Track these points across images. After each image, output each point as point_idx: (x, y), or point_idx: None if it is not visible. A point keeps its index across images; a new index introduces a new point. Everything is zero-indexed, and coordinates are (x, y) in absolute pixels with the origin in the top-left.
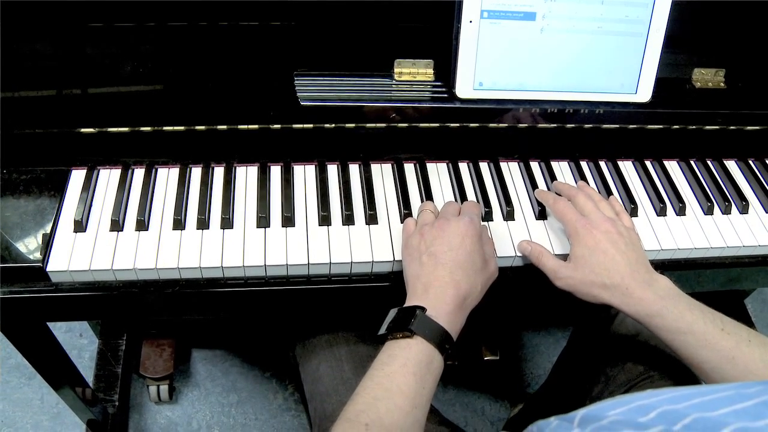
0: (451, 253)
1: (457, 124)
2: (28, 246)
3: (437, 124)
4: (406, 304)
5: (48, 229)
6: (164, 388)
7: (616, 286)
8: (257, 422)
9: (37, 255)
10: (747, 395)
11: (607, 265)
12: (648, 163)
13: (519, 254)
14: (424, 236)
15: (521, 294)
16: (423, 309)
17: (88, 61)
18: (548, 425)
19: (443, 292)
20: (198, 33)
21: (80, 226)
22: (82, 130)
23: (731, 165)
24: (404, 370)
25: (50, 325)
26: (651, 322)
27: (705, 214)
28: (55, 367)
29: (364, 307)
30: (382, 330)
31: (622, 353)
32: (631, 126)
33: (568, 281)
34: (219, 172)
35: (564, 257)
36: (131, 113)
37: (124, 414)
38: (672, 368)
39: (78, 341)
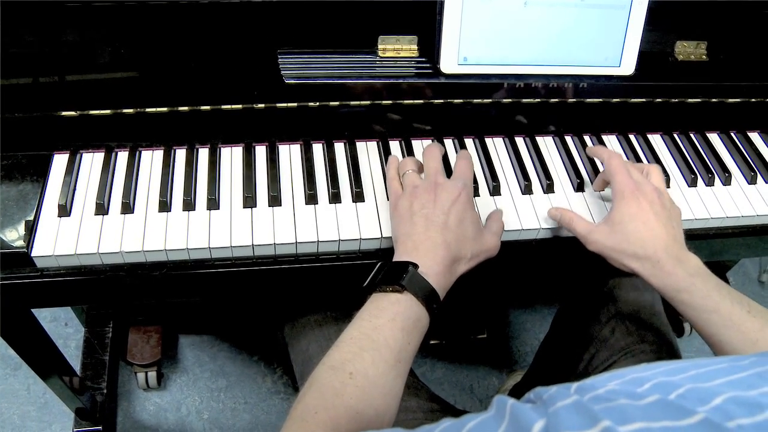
0: (443, 216)
1: (442, 100)
2: (12, 232)
3: (422, 101)
4: (394, 260)
5: (32, 214)
6: (152, 374)
7: (648, 258)
8: (246, 406)
9: (21, 241)
10: (741, 367)
11: (643, 236)
12: (632, 137)
13: (506, 229)
14: (416, 198)
15: (508, 268)
16: (415, 265)
17: (67, 42)
18: (546, 391)
19: (434, 252)
20: (179, 11)
21: (64, 210)
22: (64, 113)
23: (714, 137)
24: (392, 325)
25: (35, 314)
26: (677, 297)
27: (689, 186)
28: (42, 356)
29: (352, 285)
30: (368, 282)
31: (604, 330)
32: (614, 100)
33: (599, 246)
34: (204, 153)
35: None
36: (113, 95)
37: (113, 401)
38: (653, 342)
39: (63, 330)
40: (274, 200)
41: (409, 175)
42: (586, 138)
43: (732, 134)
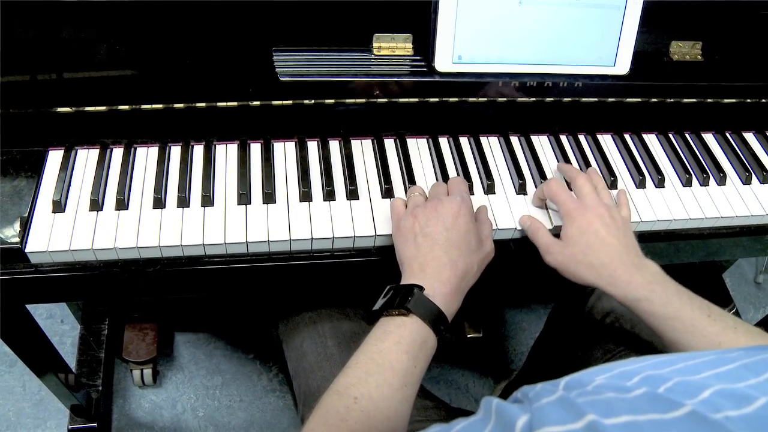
0: (446, 233)
1: (437, 99)
2: (6, 227)
3: (417, 99)
4: (402, 283)
5: (26, 210)
6: (148, 372)
7: (604, 267)
8: (242, 404)
9: (16, 237)
10: (728, 359)
11: (596, 246)
12: (627, 137)
13: (500, 227)
14: (418, 217)
15: (503, 268)
16: (421, 288)
17: (63, 39)
18: (533, 389)
19: (440, 273)
20: (175, 8)
21: (59, 206)
22: (59, 109)
23: (709, 138)
24: (398, 348)
25: (31, 312)
26: (638, 306)
27: (684, 186)
28: (37, 353)
29: (346, 282)
30: (377, 306)
31: (597, 330)
32: (609, 99)
33: (558, 257)
34: (198, 150)
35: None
36: (108, 92)
37: (108, 399)
38: (645, 344)
39: (59, 327)
40: (269, 197)
41: (414, 198)
42: (581, 137)
43: (727, 134)
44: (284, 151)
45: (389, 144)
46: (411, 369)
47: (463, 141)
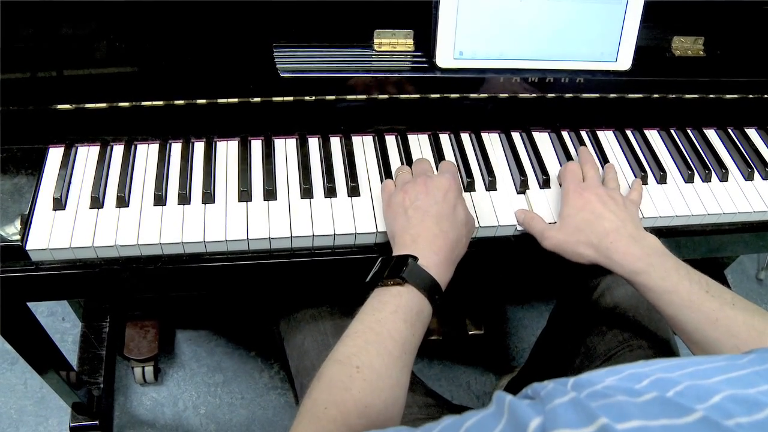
0: (436, 206)
1: (438, 95)
2: (7, 225)
3: (418, 95)
4: (394, 254)
5: (26, 207)
6: (149, 369)
7: (601, 241)
8: (243, 401)
9: (16, 234)
10: (739, 365)
11: (593, 222)
12: (629, 132)
13: (501, 224)
14: (408, 193)
15: (504, 264)
16: (415, 258)
17: (63, 36)
18: (544, 387)
19: (432, 243)
20: (176, 5)
21: (59, 203)
22: (59, 106)
23: (711, 134)
24: (395, 317)
25: (32, 309)
26: (636, 279)
27: (686, 183)
28: (38, 351)
29: (348, 279)
30: (370, 277)
31: (601, 325)
32: (611, 95)
33: (553, 240)
34: (199, 147)
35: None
36: (109, 88)
37: (110, 396)
38: (650, 338)
39: (60, 325)
40: (270, 194)
41: (401, 176)
42: (583, 133)
43: (729, 130)
44: (285, 148)
45: (390, 140)
46: (409, 337)
47: (465, 137)
